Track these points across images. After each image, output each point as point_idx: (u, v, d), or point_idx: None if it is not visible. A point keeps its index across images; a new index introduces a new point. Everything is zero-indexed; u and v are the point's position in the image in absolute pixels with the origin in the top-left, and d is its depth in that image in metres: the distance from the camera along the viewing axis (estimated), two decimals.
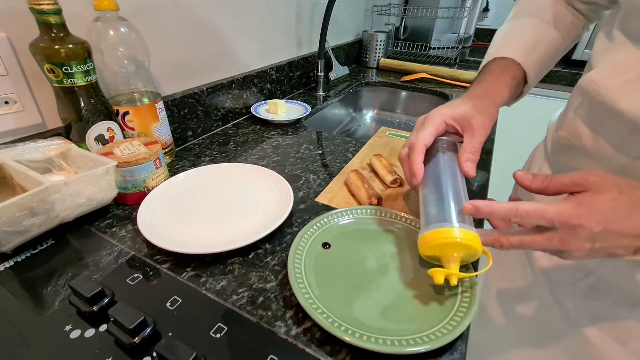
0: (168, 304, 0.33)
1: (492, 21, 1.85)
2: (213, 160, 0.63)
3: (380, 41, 1.32)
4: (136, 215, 0.43)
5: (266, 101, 0.87)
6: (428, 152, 0.40)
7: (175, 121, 0.65)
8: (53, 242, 0.41)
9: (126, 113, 0.53)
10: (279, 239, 0.44)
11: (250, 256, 0.41)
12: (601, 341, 0.42)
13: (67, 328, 0.31)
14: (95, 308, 0.31)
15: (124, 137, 0.54)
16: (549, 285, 0.49)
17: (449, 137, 0.42)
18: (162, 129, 0.57)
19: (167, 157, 0.60)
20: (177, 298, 0.34)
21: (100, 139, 0.50)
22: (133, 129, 0.54)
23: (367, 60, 1.37)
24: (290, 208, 0.45)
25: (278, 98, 0.94)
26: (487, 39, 1.86)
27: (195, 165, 0.60)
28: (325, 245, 0.41)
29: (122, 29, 0.49)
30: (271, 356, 0.29)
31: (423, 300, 0.35)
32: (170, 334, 0.30)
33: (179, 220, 0.45)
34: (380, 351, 0.29)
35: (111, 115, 0.51)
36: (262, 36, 0.86)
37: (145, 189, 0.48)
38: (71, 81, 0.44)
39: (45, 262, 0.38)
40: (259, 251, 0.42)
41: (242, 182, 0.53)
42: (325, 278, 0.37)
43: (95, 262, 0.39)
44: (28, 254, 0.39)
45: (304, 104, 0.87)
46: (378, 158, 0.60)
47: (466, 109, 0.39)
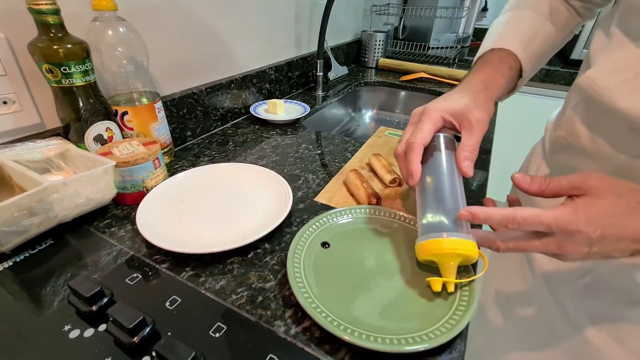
0: (167, 304, 0.33)
1: (491, 21, 1.85)
2: (212, 160, 0.63)
3: (379, 41, 1.32)
4: (135, 215, 0.43)
5: (265, 101, 0.87)
6: (425, 150, 0.39)
7: (174, 121, 0.65)
8: (52, 242, 0.41)
9: (125, 113, 0.53)
10: (278, 239, 0.44)
11: (249, 256, 0.41)
12: (600, 340, 0.42)
13: (67, 328, 0.31)
14: (94, 308, 0.31)
15: (123, 137, 0.54)
16: (548, 284, 0.49)
17: (446, 132, 0.41)
18: (161, 129, 0.57)
19: (166, 157, 0.60)
20: (177, 298, 0.34)
21: (99, 139, 0.50)
22: (132, 129, 0.54)
23: (366, 60, 1.37)
24: (289, 208, 0.45)
25: (277, 98, 0.94)
26: None
27: (194, 165, 0.60)
28: (324, 244, 0.41)
29: (121, 29, 0.49)
30: (270, 355, 0.29)
31: (422, 299, 0.35)
32: (169, 334, 0.31)
33: (178, 220, 0.45)
34: (379, 350, 0.29)
35: (110, 115, 0.51)
36: (261, 36, 0.86)
37: (144, 189, 0.48)
38: (70, 81, 0.44)
39: (44, 262, 0.38)
40: (258, 251, 0.42)
41: (241, 182, 0.53)
42: (324, 277, 0.37)
43: (94, 262, 0.39)
44: (27, 254, 0.39)
45: (303, 104, 0.87)
46: (377, 157, 0.60)
47: (464, 104, 0.38)
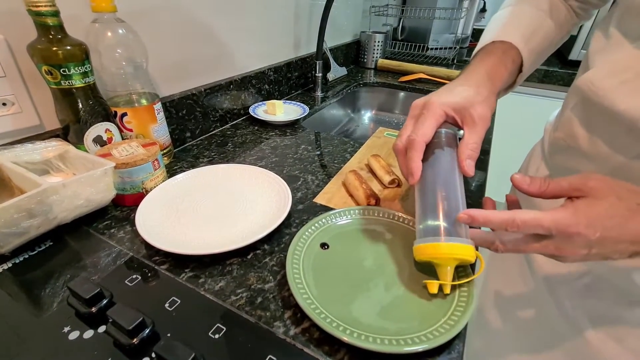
0: (167, 305, 0.34)
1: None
2: (211, 161, 0.63)
3: (378, 42, 1.32)
4: (134, 216, 0.43)
5: (264, 102, 0.87)
6: (427, 146, 0.38)
7: (173, 122, 0.65)
8: (51, 244, 0.41)
9: (124, 114, 0.53)
10: (278, 240, 0.44)
11: (248, 257, 0.41)
12: (599, 340, 0.42)
13: (66, 329, 0.31)
14: (93, 309, 0.31)
15: (122, 139, 0.54)
16: (547, 284, 0.49)
17: (448, 127, 0.40)
18: (160, 130, 0.57)
19: (166, 158, 0.61)
20: (176, 299, 0.34)
21: (98, 141, 0.50)
22: (131, 130, 0.54)
23: (365, 61, 1.37)
24: (288, 209, 0.45)
25: (276, 99, 0.94)
26: None
27: (193, 166, 0.60)
28: (323, 245, 0.41)
29: (120, 31, 0.49)
30: (270, 356, 0.29)
31: (421, 299, 0.35)
32: (169, 335, 0.31)
33: (178, 221, 0.45)
34: (378, 351, 0.29)
35: (109, 116, 0.51)
36: (260, 37, 0.86)
37: (143, 190, 0.48)
38: (69, 83, 0.44)
39: (43, 264, 0.38)
40: (258, 252, 0.42)
41: (241, 183, 0.53)
42: (323, 278, 0.37)
43: (93, 264, 0.39)
44: (26, 256, 0.39)
45: (302, 105, 0.87)
46: (376, 158, 0.60)
47: (467, 98, 0.36)
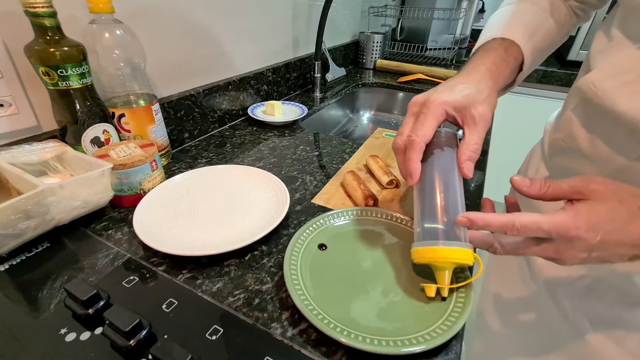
0: (164, 306, 0.33)
1: None
2: (210, 162, 0.63)
3: (376, 42, 1.32)
4: (132, 217, 0.43)
5: (263, 103, 0.87)
6: (426, 146, 0.37)
7: (171, 123, 0.65)
8: (48, 245, 0.41)
9: (122, 115, 0.53)
10: (275, 241, 0.44)
11: (246, 258, 0.41)
12: (599, 342, 0.42)
13: (63, 331, 0.31)
14: (90, 311, 0.31)
15: (120, 140, 0.54)
16: (547, 286, 0.49)
17: (448, 127, 0.39)
18: (158, 131, 0.57)
19: (164, 159, 0.60)
20: (173, 300, 0.34)
21: (96, 142, 0.50)
22: (129, 131, 0.54)
23: (364, 61, 1.37)
24: (286, 209, 0.45)
25: (275, 99, 0.94)
26: None
27: (191, 167, 0.60)
28: (321, 246, 0.41)
29: (118, 32, 0.49)
30: (267, 358, 0.29)
31: (418, 300, 0.35)
32: (166, 337, 0.30)
33: (175, 222, 0.45)
34: (376, 352, 0.29)
35: (107, 117, 0.51)
36: (259, 38, 0.86)
37: (141, 191, 0.48)
38: (66, 84, 0.44)
39: (40, 265, 0.38)
40: (255, 253, 0.42)
41: (239, 184, 0.53)
42: (321, 279, 0.37)
43: (91, 265, 0.38)
44: (23, 257, 0.39)
45: (301, 105, 0.87)
46: (374, 159, 0.60)
47: (468, 96, 0.35)
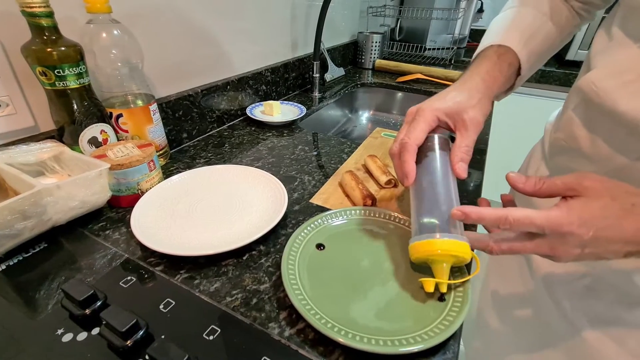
0: (161, 307, 0.33)
1: (487, 22, 1.86)
2: (208, 162, 0.63)
3: (375, 42, 1.32)
4: (130, 218, 0.43)
5: (261, 103, 0.87)
6: (420, 150, 0.39)
7: (169, 123, 0.65)
8: (46, 246, 0.41)
9: (120, 115, 0.53)
10: (273, 241, 0.44)
11: (244, 258, 0.41)
12: (598, 341, 0.42)
13: (60, 332, 0.31)
14: (87, 311, 0.31)
15: (118, 140, 0.54)
16: (546, 285, 0.49)
17: (441, 132, 0.41)
18: (156, 131, 0.57)
19: (162, 160, 0.60)
20: (171, 300, 0.34)
21: (93, 142, 0.50)
22: (127, 132, 0.54)
23: (363, 61, 1.37)
24: (284, 209, 0.45)
25: (273, 99, 0.94)
26: None
27: (190, 167, 0.60)
28: (319, 246, 0.41)
29: (115, 32, 0.49)
30: (264, 357, 0.29)
31: (416, 300, 0.35)
32: (163, 337, 0.30)
33: (173, 222, 0.45)
34: (373, 351, 0.29)
35: (104, 117, 0.51)
36: (257, 38, 0.86)
37: (139, 192, 0.48)
38: (64, 84, 0.44)
39: (37, 266, 0.38)
40: (253, 253, 0.42)
41: (237, 184, 0.53)
42: (318, 279, 0.37)
43: (88, 265, 0.38)
44: (20, 258, 0.39)
45: (300, 105, 0.87)
46: (373, 159, 0.60)
47: (459, 104, 0.37)
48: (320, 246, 0.41)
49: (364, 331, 0.31)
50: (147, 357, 0.27)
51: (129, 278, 0.37)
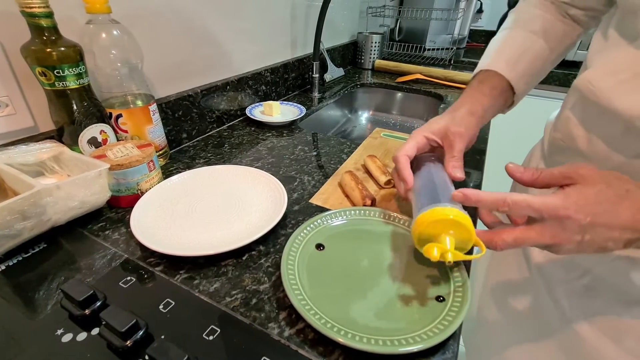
0: (161, 307, 0.33)
1: (486, 22, 1.87)
2: (208, 162, 0.63)
3: (375, 43, 1.32)
4: (129, 218, 0.43)
5: (261, 103, 0.87)
6: (415, 166, 0.43)
7: (169, 123, 0.65)
8: (45, 246, 0.41)
9: (119, 116, 0.53)
10: (273, 241, 0.44)
11: (244, 258, 0.41)
12: (596, 339, 0.42)
13: (59, 332, 0.31)
14: (87, 312, 0.31)
15: (117, 140, 0.54)
16: (546, 284, 0.49)
17: (434, 154, 0.45)
18: (156, 132, 0.57)
19: (161, 160, 0.60)
20: (170, 301, 0.34)
21: (93, 142, 0.50)
22: (126, 132, 0.54)
23: (362, 61, 1.37)
24: (284, 209, 0.45)
25: (273, 100, 0.94)
26: (481, 40, 1.88)
27: (189, 167, 0.60)
28: (318, 246, 0.41)
29: (115, 32, 0.49)
30: (264, 357, 0.29)
31: (416, 300, 0.35)
32: (162, 337, 0.30)
33: (173, 222, 0.45)
34: (373, 351, 0.29)
35: (104, 118, 0.51)
36: (257, 38, 0.86)
37: (138, 192, 0.48)
38: (63, 84, 0.44)
39: (37, 266, 0.38)
40: (253, 253, 0.42)
41: (237, 184, 0.53)
42: (318, 279, 0.37)
43: (88, 266, 0.38)
44: (20, 258, 0.39)
45: (299, 106, 0.87)
46: (372, 159, 0.60)
47: (443, 123, 0.43)
48: (319, 246, 0.41)
49: (364, 331, 0.31)
50: (147, 357, 0.27)
51: (129, 278, 0.37)
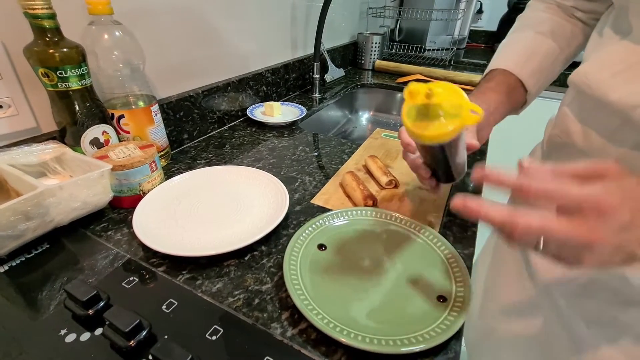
0: (164, 307, 0.34)
1: (486, 23, 1.87)
2: (209, 162, 0.63)
3: (375, 43, 1.33)
4: (132, 218, 0.43)
5: (262, 103, 0.87)
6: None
7: (170, 124, 0.65)
8: (48, 246, 0.41)
9: (121, 116, 0.53)
10: (275, 241, 0.44)
11: (246, 258, 0.41)
12: (592, 339, 0.42)
13: (63, 332, 0.31)
14: (90, 312, 0.31)
15: (120, 141, 0.54)
16: (543, 284, 0.49)
17: None
18: (158, 132, 0.57)
19: (163, 160, 0.61)
20: (173, 301, 0.34)
21: (95, 143, 0.50)
22: (128, 133, 0.54)
23: (363, 62, 1.37)
24: (285, 210, 0.45)
25: (274, 100, 0.94)
26: (482, 41, 1.88)
27: (191, 168, 0.60)
28: (320, 246, 0.41)
29: (117, 33, 0.49)
30: (267, 357, 0.29)
31: (418, 300, 0.35)
32: (166, 337, 0.31)
33: (175, 223, 0.45)
34: (375, 351, 0.29)
35: (106, 118, 0.51)
36: (258, 39, 0.86)
37: (140, 192, 0.48)
38: (66, 85, 0.44)
39: (40, 267, 0.38)
40: (255, 253, 0.42)
41: (238, 185, 0.54)
42: (320, 279, 0.37)
43: (90, 266, 0.38)
44: (23, 259, 0.39)
45: (300, 106, 0.87)
46: (373, 159, 0.60)
47: None
48: (321, 246, 0.41)
49: (366, 331, 0.31)
50: (151, 357, 0.27)
51: (132, 279, 0.37)
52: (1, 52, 0.43)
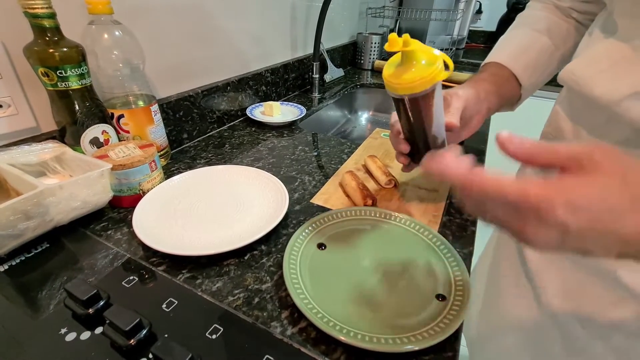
0: (164, 306, 0.34)
1: (485, 23, 1.87)
2: (209, 162, 0.63)
3: (374, 43, 1.33)
4: (131, 218, 0.43)
5: (261, 103, 0.87)
6: None
7: (170, 124, 0.65)
8: (48, 246, 0.41)
9: (121, 116, 0.53)
10: (275, 240, 0.44)
11: (246, 257, 0.41)
12: (586, 337, 0.42)
13: (63, 331, 0.31)
14: (90, 311, 0.31)
15: (119, 140, 0.54)
16: (540, 284, 0.49)
17: None
18: (158, 132, 0.58)
19: (163, 160, 0.61)
20: (173, 300, 0.34)
21: (95, 142, 0.50)
22: (128, 132, 0.54)
23: (362, 62, 1.38)
24: (285, 209, 0.46)
25: (273, 100, 0.94)
26: (481, 41, 1.88)
27: (190, 167, 0.60)
28: (320, 246, 0.41)
29: (117, 32, 0.49)
30: (267, 356, 0.29)
31: (417, 299, 0.35)
32: (166, 336, 0.31)
33: (175, 222, 0.45)
34: (375, 350, 0.29)
35: (106, 118, 0.51)
36: (257, 38, 0.86)
37: (140, 192, 0.48)
38: (65, 85, 0.44)
39: (40, 266, 0.38)
40: (255, 252, 0.42)
41: (238, 184, 0.54)
42: (320, 278, 0.37)
43: (90, 265, 0.39)
44: (22, 258, 0.39)
45: (299, 106, 0.87)
46: (373, 159, 0.60)
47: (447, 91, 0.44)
48: (321, 246, 0.41)
49: (365, 329, 0.31)
50: (151, 356, 0.27)
51: (131, 278, 0.37)
52: (1, 52, 0.43)
